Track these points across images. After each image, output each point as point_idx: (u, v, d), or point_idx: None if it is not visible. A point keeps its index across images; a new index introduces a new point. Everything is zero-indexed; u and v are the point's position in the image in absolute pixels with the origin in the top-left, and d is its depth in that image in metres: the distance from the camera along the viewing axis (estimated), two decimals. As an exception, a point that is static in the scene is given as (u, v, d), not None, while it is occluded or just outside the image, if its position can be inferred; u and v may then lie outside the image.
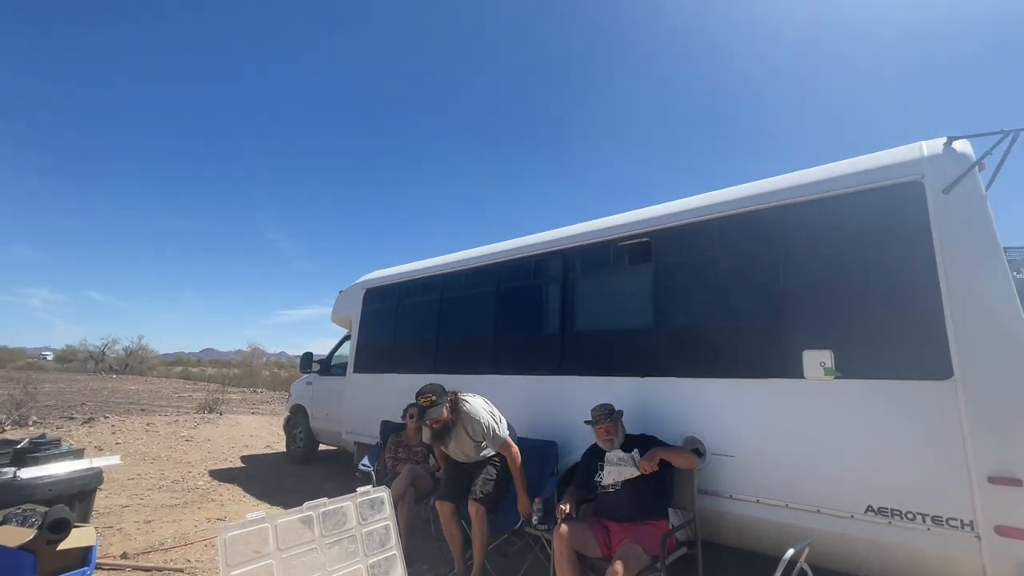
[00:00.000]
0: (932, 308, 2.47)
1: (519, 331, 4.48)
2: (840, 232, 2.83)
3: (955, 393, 2.37)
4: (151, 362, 36.71)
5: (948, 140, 2.64)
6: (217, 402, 12.65)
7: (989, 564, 2.25)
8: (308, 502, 1.57)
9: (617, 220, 3.96)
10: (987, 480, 2.27)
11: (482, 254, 4.94)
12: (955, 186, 2.50)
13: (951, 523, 2.34)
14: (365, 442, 5.64)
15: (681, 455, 2.92)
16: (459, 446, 3.30)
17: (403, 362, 5.51)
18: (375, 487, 1.66)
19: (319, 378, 7.22)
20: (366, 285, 6.33)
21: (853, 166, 2.89)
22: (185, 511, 4.76)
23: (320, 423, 6.98)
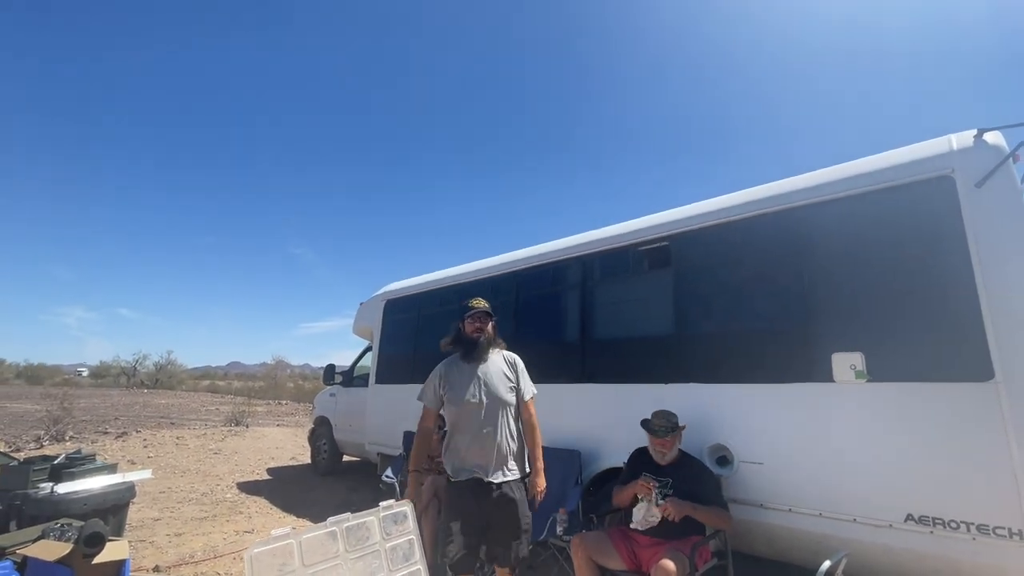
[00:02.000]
0: (968, 307, 2.38)
1: (539, 339, 4.45)
2: (867, 230, 2.75)
3: (997, 395, 2.27)
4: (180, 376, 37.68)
5: (979, 132, 2.55)
6: (243, 415, 12.87)
7: (1042, 576, 2.13)
8: (332, 517, 1.58)
9: (636, 224, 3.92)
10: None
11: (501, 262, 4.94)
12: (988, 180, 2.41)
13: (998, 532, 2.22)
14: (388, 453, 5.66)
15: (712, 516, 2.64)
16: (487, 375, 2.54)
17: (424, 373, 5.50)
18: (398, 500, 1.66)
19: (342, 390, 7.29)
20: (387, 296, 6.39)
21: (879, 162, 2.81)
22: (214, 524, 4.83)
23: (344, 434, 7.04)
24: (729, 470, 2.97)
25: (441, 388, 2.56)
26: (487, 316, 2.65)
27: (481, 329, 2.61)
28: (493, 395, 2.49)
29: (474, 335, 2.60)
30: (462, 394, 2.48)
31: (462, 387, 2.50)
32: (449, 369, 2.61)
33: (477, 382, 2.51)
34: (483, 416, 2.46)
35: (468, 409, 2.47)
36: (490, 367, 2.57)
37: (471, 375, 2.53)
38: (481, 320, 2.63)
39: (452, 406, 2.52)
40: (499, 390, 2.52)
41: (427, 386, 2.63)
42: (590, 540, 2.72)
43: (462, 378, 2.54)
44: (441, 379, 2.59)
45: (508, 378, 2.58)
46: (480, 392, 2.49)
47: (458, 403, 2.48)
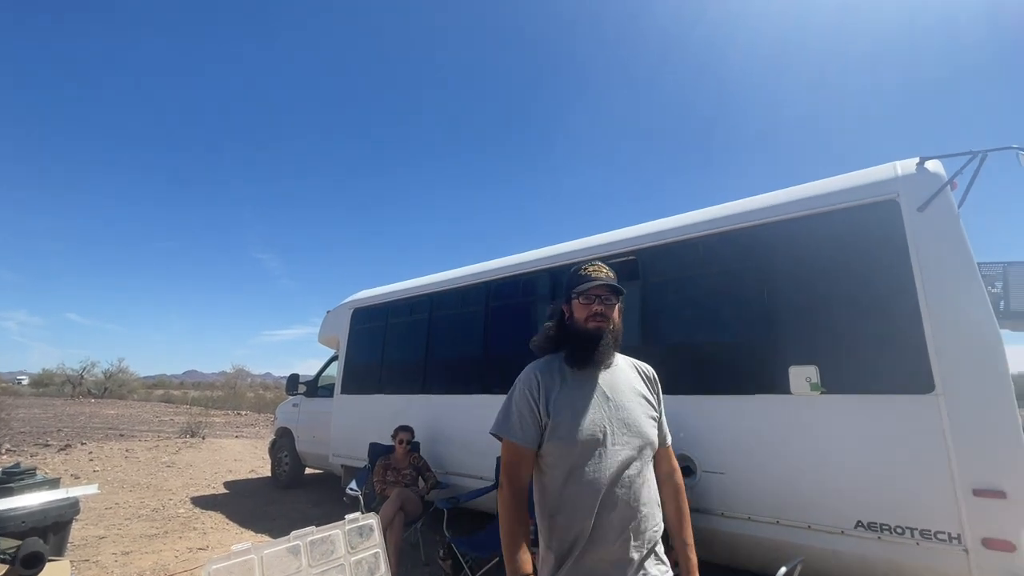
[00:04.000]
0: (912, 323, 2.53)
1: (510, 350, 4.47)
2: (821, 250, 2.90)
3: (938, 407, 2.42)
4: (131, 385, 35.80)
5: (921, 160, 2.73)
6: (200, 426, 12.34)
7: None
8: (295, 531, 1.54)
9: (605, 238, 4.01)
10: (972, 493, 2.30)
11: (471, 273, 4.94)
12: (929, 204, 2.59)
13: (939, 537, 2.36)
14: (353, 465, 5.54)
15: None
16: (616, 394, 1.48)
17: (392, 383, 5.46)
18: (363, 513, 1.63)
19: (305, 400, 7.11)
20: (354, 305, 6.29)
21: (832, 185, 2.98)
22: (165, 541, 4.60)
23: (306, 446, 6.85)
24: (692, 480, 3.05)
25: (541, 410, 1.43)
26: (614, 294, 1.52)
27: (606, 316, 1.49)
28: (631, 427, 1.43)
29: (593, 327, 1.48)
30: (578, 423, 1.39)
31: (577, 411, 1.41)
32: (549, 380, 1.48)
33: (602, 405, 1.44)
34: (614, 465, 1.37)
35: (589, 451, 1.38)
36: (618, 380, 1.51)
37: (590, 392, 1.45)
38: (606, 301, 1.50)
39: (560, 444, 1.40)
40: (639, 420, 1.45)
41: (511, 406, 1.48)
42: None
43: (575, 396, 1.44)
44: (540, 395, 1.44)
45: (647, 402, 1.52)
46: (609, 422, 1.42)
47: (571, 439, 1.38)
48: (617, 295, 1.53)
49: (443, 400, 4.82)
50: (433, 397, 4.91)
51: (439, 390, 4.90)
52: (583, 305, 1.51)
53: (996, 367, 2.35)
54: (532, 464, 1.46)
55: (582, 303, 1.52)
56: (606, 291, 1.51)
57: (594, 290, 1.50)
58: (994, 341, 2.37)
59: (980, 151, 2.53)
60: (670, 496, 1.57)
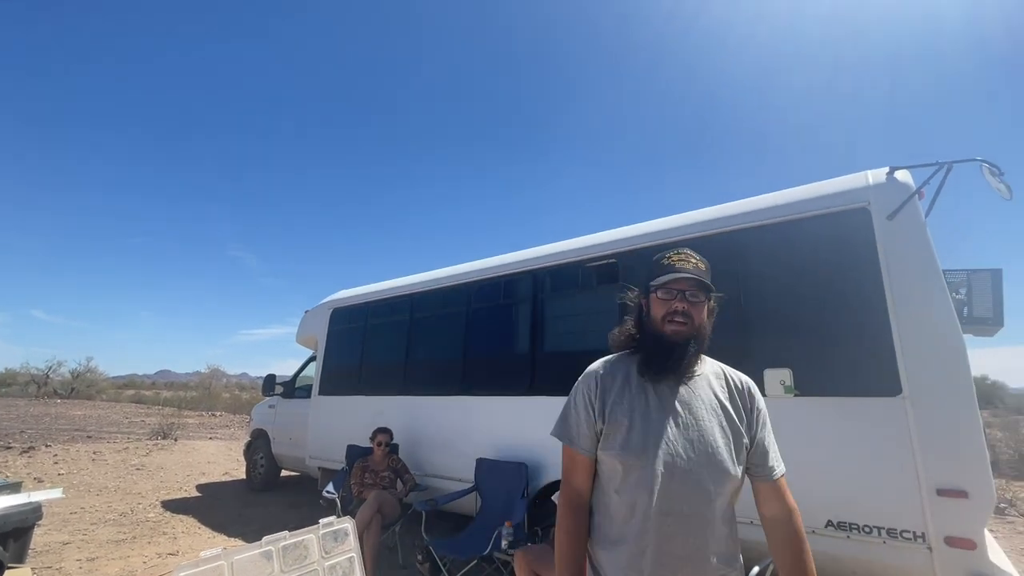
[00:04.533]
0: (881, 328, 2.61)
1: (490, 351, 4.47)
2: (795, 256, 2.96)
3: (904, 409, 2.49)
4: (100, 385, 34.69)
5: (891, 170, 2.82)
6: (172, 427, 12.02)
7: (940, 575, 2.34)
8: (267, 536, 1.50)
9: (586, 241, 4.03)
10: (936, 493, 2.38)
11: (452, 274, 4.93)
12: (898, 213, 2.67)
13: (904, 535, 2.43)
14: (330, 467, 5.46)
15: None
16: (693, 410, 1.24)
17: (371, 384, 5.40)
18: (339, 517, 1.61)
19: (282, 401, 6.99)
20: (333, 305, 6.21)
21: (805, 193, 3.05)
22: (133, 546, 4.47)
23: (283, 448, 6.74)
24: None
25: (596, 413, 1.27)
26: (703, 290, 1.28)
27: (688, 318, 1.26)
28: (702, 453, 1.19)
29: (671, 331, 1.26)
30: (631, 436, 1.20)
31: (634, 421, 1.22)
32: (611, 380, 1.30)
33: (667, 419, 1.21)
34: (672, 496, 1.15)
35: (641, 473, 1.18)
36: (696, 391, 1.27)
37: (655, 401, 1.24)
38: (691, 298, 1.27)
39: (618, 455, 1.20)
40: (715, 444, 1.20)
41: (569, 407, 1.34)
42: (533, 553, 2.73)
43: (636, 403, 1.25)
44: (597, 396, 1.28)
45: (733, 421, 1.26)
46: (670, 441, 1.19)
47: (632, 453, 1.19)
48: (706, 292, 1.27)
49: (423, 401, 4.79)
50: (413, 398, 4.88)
51: (419, 391, 4.86)
52: (661, 301, 1.27)
53: (960, 371, 2.43)
54: (589, 473, 1.29)
55: (660, 298, 1.28)
56: (692, 286, 1.25)
57: (676, 284, 1.25)
58: (958, 346, 2.46)
59: (946, 162, 2.62)
60: (782, 547, 1.24)
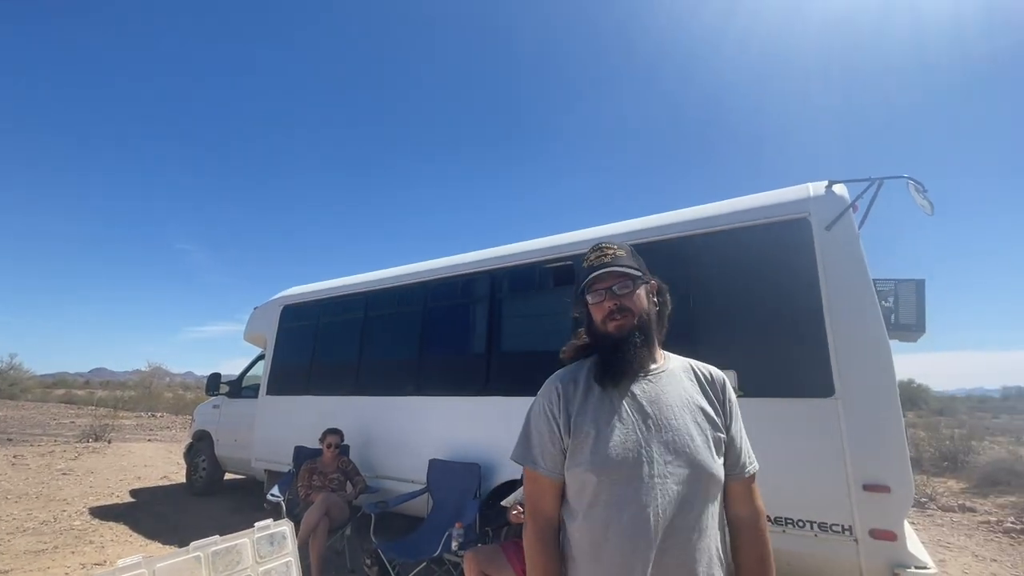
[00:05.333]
0: (817, 333, 2.74)
1: (445, 351, 4.43)
2: (740, 262, 3.08)
3: (836, 410, 2.64)
4: (25, 384, 32.08)
5: (829, 183, 2.97)
6: (105, 429, 11.27)
7: (864, 565, 2.49)
8: (195, 541, 1.42)
9: (543, 243, 4.06)
10: (862, 488, 2.52)
11: (408, 272, 4.85)
12: (835, 224, 2.82)
13: (834, 529, 2.57)
14: (276, 470, 5.26)
15: None
16: (662, 409, 1.12)
17: (321, 383, 5.24)
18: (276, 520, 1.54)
19: (228, 401, 6.69)
20: (284, 301, 6.00)
21: (751, 202, 3.18)
22: (55, 557, 4.16)
23: (227, 450, 6.45)
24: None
25: (561, 428, 1.15)
26: (627, 278, 1.17)
27: (625, 311, 1.16)
28: (680, 453, 1.08)
29: (613, 328, 1.16)
30: (601, 448, 1.08)
31: (602, 431, 1.10)
32: (572, 390, 1.19)
33: (637, 423, 1.10)
34: (657, 505, 1.03)
35: (617, 486, 1.06)
36: (664, 389, 1.15)
37: (620, 406, 1.13)
38: (620, 290, 1.16)
39: (579, 473, 1.10)
40: (692, 443, 1.09)
41: (529, 426, 1.22)
42: (483, 554, 2.72)
43: (601, 411, 1.13)
44: (560, 410, 1.16)
45: (708, 417, 1.16)
46: (645, 446, 1.07)
47: (602, 465, 1.07)
48: (633, 278, 1.17)
49: (376, 402, 4.69)
50: (365, 399, 4.77)
51: (372, 391, 4.76)
52: (596, 305, 1.19)
53: (886, 374, 2.59)
54: (559, 498, 1.16)
55: (592, 303, 1.19)
56: (616, 278, 1.17)
57: (599, 283, 1.17)
58: (885, 350, 2.62)
59: (878, 178, 2.80)
60: (749, 548, 1.15)
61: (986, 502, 6.96)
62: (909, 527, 2.75)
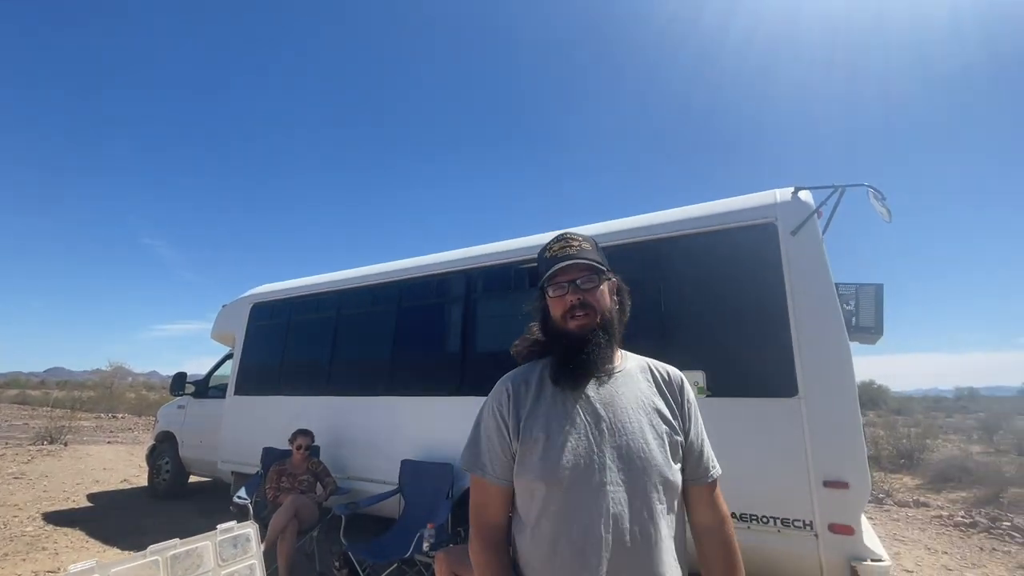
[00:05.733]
0: (782, 334, 2.82)
1: (419, 351, 4.40)
2: (709, 265, 3.15)
3: (800, 409, 2.72)
4: (-26, 384, 30.51)
5: (795, 189, 3.07)
6: (62, 430, 10.81)
7: (824, 559, 2.57)
8: (153, 545, 1.38)
9: (518, 243, 4.07)
10: (823, 484, 2.61)
11: (383, 271, 4.81)
12: (800, 229, 2.91)
13: (796, 524, 2.65)
14: (244, 472, 5.13)
15: None
16: (616, 412, 1.07)
17: (291, 383, 5.14)
18: (239, 523, 1.50)
19: (193, 401, 6.50)
20: (254, 299, 5.86)
21: (721, 207, 3.26)
22: (4, 565, 3.96)
23: (192, 452, 6.26)
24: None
25: (512, 433, 1.09)
26: (594, 273, 1.12)
27: (588, 307, 1.11)
28: (634, 459, 1.03)
29: (575, 326, 1.11)
30: (550, 453, 1.03)
31: (552, 435, 1.05)
32: (523, 392, 1.14)
33: (589, 427, 1.05)
34: (608, 514, 0.98)
35: (567, 494, 1.01)
36: (619, 391, 1.11)
37: (573, 408, 1.08)
38: (583, 284, 1.11)
39: (536, 476, 1.04)
40: (647, 448, 1.04)
41: (479, 430, 1.16)
42: (454, 554, 2.71)
43: (552, 415, 1.08)
44: (510, 413, 1.11)
45: (665, 420, 1.11)
46: (597, 451, 1.03)
47: (551, 472, 1.02)
48: (598, 272, 1.11)
49: (348, 402, 4.62)
50: (337, 399, 4.69)
51: (344, 391, 4.69)
52: (555, 299, 1.12)
53: (846, 375, 2.68)
54: (508, 506, 1.09)
55: (553, 296, 1.13)
56: (581, 271, 1.11)
57: (562, 275, 1.10)
58: (845, 352, 2.71)
59: (840, 186, 2.90)
60: (715, 556, 1.10)
61: (939, 497, 7.29)
62: (866, 521, 2.86)
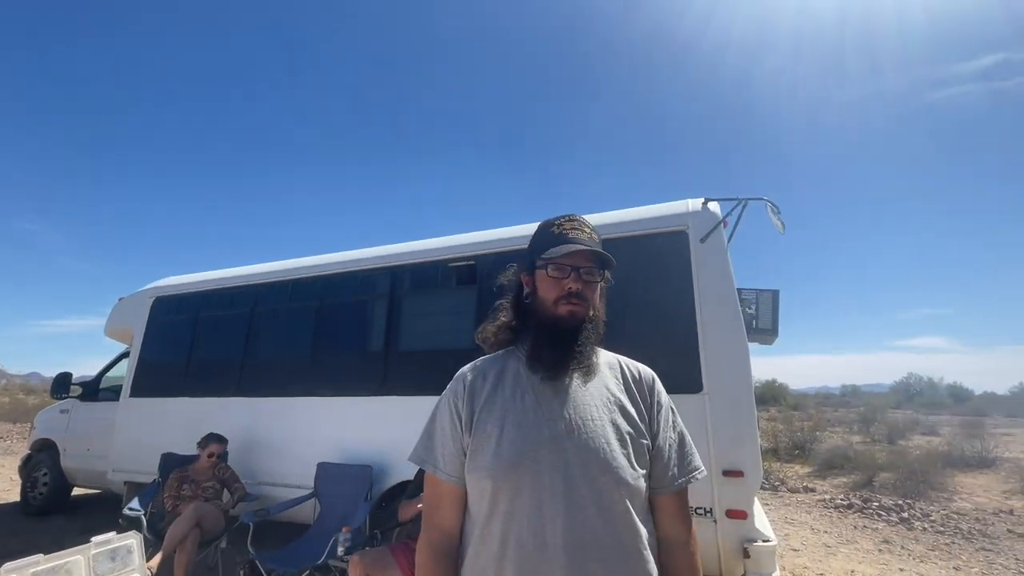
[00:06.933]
0: (691, 335, 3.02)
1: (341, 349, 4.25)
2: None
3: (704, 404, 2.92)
4: None
5: (705, 200, 3.29)
6: (-89, 441, 9.29)
7: (721, 542, 2.79)
8: (9, 563, 1.21)
9: (447, 241, 4.05)
10: (722, 473, 2.82)
11: (303, 265, 4.59)
12: (708, 237, 3.13)
13: (698, 512, 2.84)
14: (139, 481, 4.69)
15: None
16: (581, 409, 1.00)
17: (198, 384, 4.77)
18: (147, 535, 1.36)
19: (80, 405, 5.84)
20: (156, 292, 5.37)
21: (638, 214, 3.43)
22: None
23: (77, 461, 5.61)
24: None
25: (464, 426, 1.02)
26: (600, 267, 1.08)
27: (584, 300, 1.06)
28: (596, 461, 0.95)
29: (565, 312, 1.04)
30: (515, 449, 0.95)
31: (507, 430, 0.98)
32: (481, 383, 1.06)
33: (547, 423, 0.98)
34: (563, 521, 0.91)
35: (518, 496, 0.94)
36: (587, 389, 1.05)
37: (533, 403, 1.01)
38: (586, 276, 1.05)
39: (486, 474, 0.96)
40: (610, 449, 0.97)
41: (434, 423, 1.08)
42: (369, 557, 2.65)
43: (509, 408, 1.01)
44: (464, 404, 1.03)
45: (632, 420, 1.04)
46: (556, 450, 0.95)
47: (502, 470, 0.95)
48: (603, 269, 1.06)
49: (261, 403, 4.36)
50: (250, 400, 4.42)
51: (257, 392, 4.42)
52: (553, 280, 1.03)
53: (744, 372, 2.92)
54: (461, 507, 1.01)
55: (551, 275, 1.03)
56: (589, 261, 1.04)
57: (570, 259, 1.02)
58: (744, 352, 2.95)
59: (744, 198, 3.15)
60: (678, 572, 1.02)
61: (825, 483, 8.13)
62: (759, 506, 3.13)
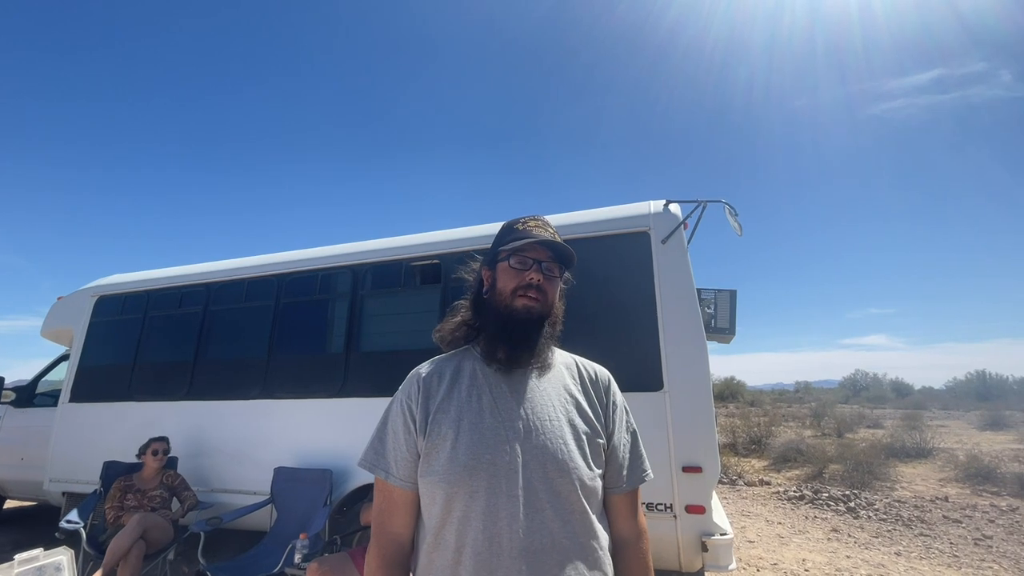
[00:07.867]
0: (651, 334, 3.08)
1: (299, 350, 4.11)
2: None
3: (665, 402, 2.98)
4: None
5: (667, 202, 3.36)
6: None
7: (681, 537, 2.85)
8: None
9: (410, 240, 3.99)
10: (681, 470, 2.88)
11: (259, 264, 4.42)
12: (669, 238, 3.20)
13: (659, 508, 2.90)
14: (79, 492, 4.41)
15: None
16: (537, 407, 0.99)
17: (144, 388, 4.52)
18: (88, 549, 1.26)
19: (13, 411, 5.45)
20: (99, 291, 5.06)
21: (601, 215, 3.47)
22: None
23: (9, 472, 5.23)
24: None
25: (419, 429, 0.99)
26: (559, 264, 1.08)
27: (543, 293, 1.04)
28: (553, 461, 0.94)
29: (522, 305, 1.03)
30: (470, 452, 0.93)
31: (462, 431, 0.96)
32: (436, 382, 1.05)
33: (504, 424, 0.97)
34: (521, 522, 0.89)
35: (474, 499, 0.91)
36: (541, 386, 1.04)
37: (489, 403, 0.99)
38: (547, 271, 1.05)
39: (440, 479, 0.93)
40: (567, 449, 0.96)
41: (386, 425, 1.05)
42: (328, 564, 2.58)
43: (464, 408, 0.99)
44: (418, 405, 1.01)
45: (588, 419, 1.04)
46: (512, 451, 0.94)
47: (456, 474, 0.92)
48: (564, 266, 1.08)
49: (214, 407, 4.17)
50: (201, 403, 4.22)
51: (210, 395, 4.23)
52: (513, 272, 1.03)
53: (702, 371, 2.99)
54: (414, 513, 0.98)
55: (512, 267, 1.03)
56: (550, 257, 1.05)
57: (532, 252, 1.03)
58: (702, 350, 3.02)
59: (703, 200, 3.23)
60: (628, 572, 1.01)
61: (779, 476, 8.45)
62: (717, 500, 3.21)
